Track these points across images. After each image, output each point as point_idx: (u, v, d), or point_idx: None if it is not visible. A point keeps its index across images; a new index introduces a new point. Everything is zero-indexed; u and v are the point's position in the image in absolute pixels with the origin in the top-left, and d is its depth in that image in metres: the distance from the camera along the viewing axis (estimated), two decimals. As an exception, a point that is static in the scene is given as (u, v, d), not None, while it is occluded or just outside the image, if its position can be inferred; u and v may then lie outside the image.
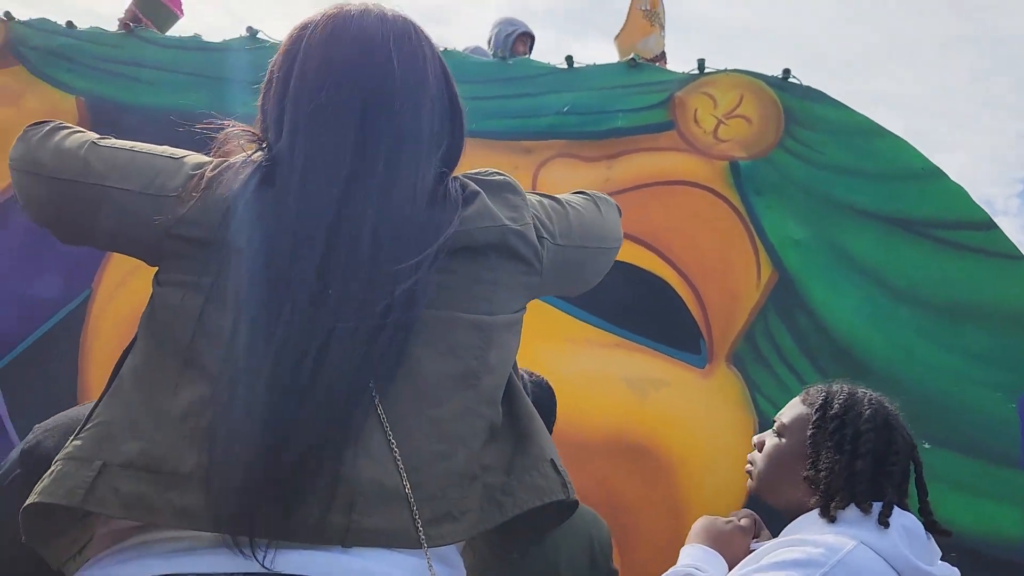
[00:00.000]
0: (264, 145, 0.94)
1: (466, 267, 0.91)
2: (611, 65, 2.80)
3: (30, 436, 1.22)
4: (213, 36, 3.01)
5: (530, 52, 3.88)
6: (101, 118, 2.80)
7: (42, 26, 2.96)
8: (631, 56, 2.78)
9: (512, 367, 0.97)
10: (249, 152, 0.92)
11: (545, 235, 0.99)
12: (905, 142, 2.56)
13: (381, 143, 0.90)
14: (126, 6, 3.28)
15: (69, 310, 2.65)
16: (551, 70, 2.78)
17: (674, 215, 2.55)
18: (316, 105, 0.90)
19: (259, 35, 2.92)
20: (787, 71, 2.68)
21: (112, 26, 3.05)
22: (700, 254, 2.52)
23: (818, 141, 2.58)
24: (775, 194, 2.54)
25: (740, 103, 2.66)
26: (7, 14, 2.98)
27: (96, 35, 2.95)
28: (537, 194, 1.06)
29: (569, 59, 2.78)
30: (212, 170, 0.89)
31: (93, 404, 0.90)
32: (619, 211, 1.18)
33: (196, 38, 2.94)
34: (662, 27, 3.32)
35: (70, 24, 2.97)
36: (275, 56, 0.99)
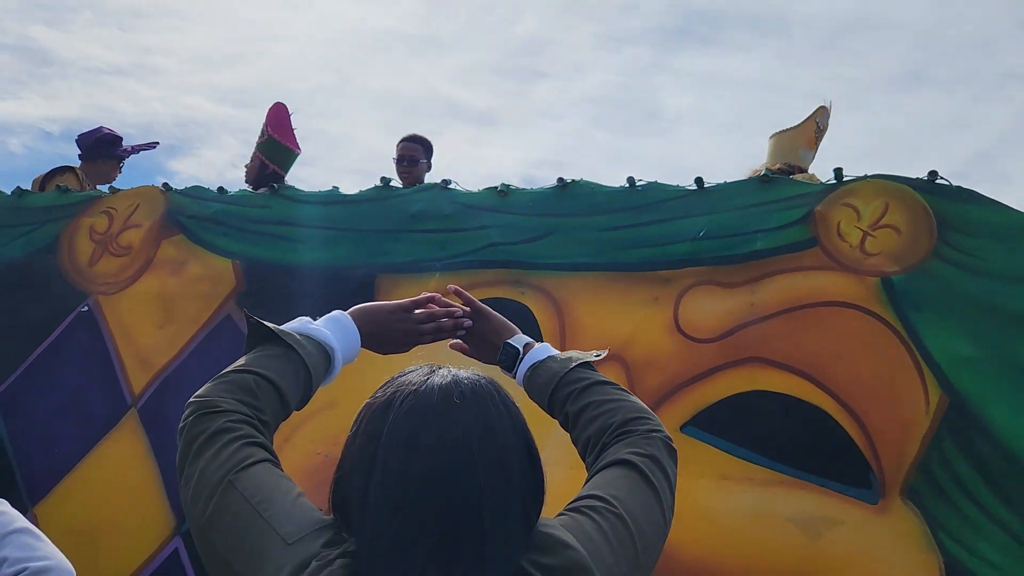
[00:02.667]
0: (347, 541, 0.94)
1: None
2: (743, 182, 2.74)
3: None
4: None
5: None
6: (256, 279, 2.97)
7: (196, 194, 3.18)
8: (763, 172, 2.72)
9: None
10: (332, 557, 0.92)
11: None
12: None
13: (465, 554, 0.89)
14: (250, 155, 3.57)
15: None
16: (683, 192, 2.74)
17: (828, 339, 2.44)
18: (394, 526, 0.90)
19: (391, 183, 3.04)
20: (934, 172, 2.54)
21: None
22: (860, 380, 2.39)
23: (979, 247, 2.42)
24: (936, 309, 2.39)
25: (886, 212, 2.53)
26: (165, 185, 3.23)
27: (245, 198, 3.15)
28: (595, 514, 1.02)
29: (699, 180, 2.74)
30: None
31: None
32: (675, 458, 1.15)
33: (334, 192, 3.08)
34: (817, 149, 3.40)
35: (221, 189, 3.19)
36: (354, 426, 0.99)
